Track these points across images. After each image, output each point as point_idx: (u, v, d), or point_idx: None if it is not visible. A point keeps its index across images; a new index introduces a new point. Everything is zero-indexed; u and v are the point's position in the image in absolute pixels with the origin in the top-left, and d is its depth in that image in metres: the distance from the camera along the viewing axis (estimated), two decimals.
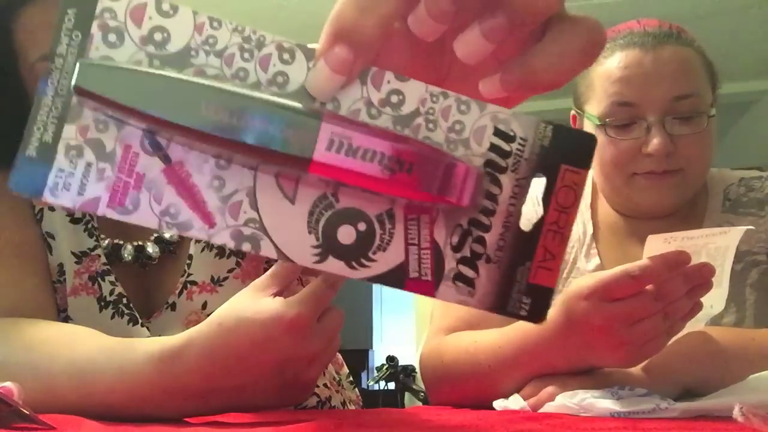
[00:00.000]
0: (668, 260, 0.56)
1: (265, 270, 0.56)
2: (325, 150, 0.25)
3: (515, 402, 0.63)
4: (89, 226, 0.70)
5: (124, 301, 0.68)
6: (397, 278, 0.29)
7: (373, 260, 0.29)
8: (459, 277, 0.29)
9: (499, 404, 0.64)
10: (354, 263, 0.28)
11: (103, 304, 0.68)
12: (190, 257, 0.70)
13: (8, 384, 0.42)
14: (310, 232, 0.28)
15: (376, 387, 4.32)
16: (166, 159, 0.27)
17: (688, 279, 0.57)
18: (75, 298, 0.68)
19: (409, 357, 4.09)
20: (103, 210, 0.26)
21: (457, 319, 0.80)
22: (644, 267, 0.56)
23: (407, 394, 3.98)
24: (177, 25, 0.27)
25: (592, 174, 0.90)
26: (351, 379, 0.86)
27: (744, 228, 0.62)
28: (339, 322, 0.53)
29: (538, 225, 0.30)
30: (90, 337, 0.55)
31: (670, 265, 0.56)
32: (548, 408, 0.59)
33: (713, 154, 0.82)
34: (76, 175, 0.26)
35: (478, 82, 0.30)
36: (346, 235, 0.28)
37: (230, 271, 0.71)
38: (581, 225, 0.88)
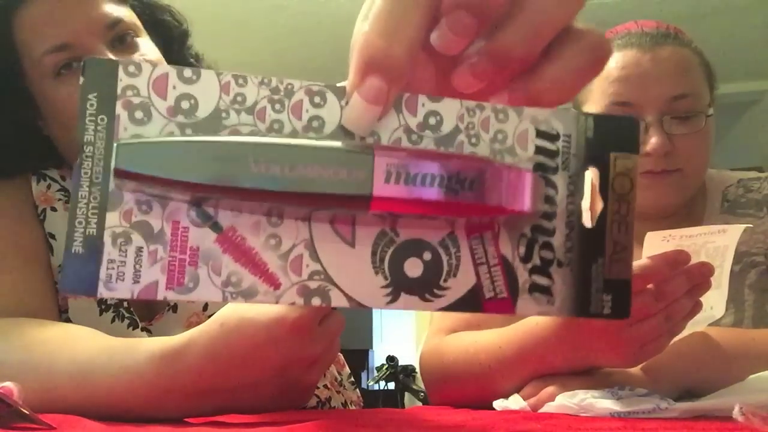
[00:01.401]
0: (669, 259, 0.56)
1: None
2: (383, 183, 0.24)
3: (515, 402, 0.63)
4: None
5: (125, 304, 0.69)
6: (473, 302, 0.28)
7: (445, 288, 0.27)
8: (535, 287, 0.28)
9: (499, 404, 0.64)
10: (427, 295, 0.27)
11: (103, 307, 0.69)
12: None
13: (8, 384, 0.42)
14: (377, 273, 0.27)
15: (376, 387, 4.26)
16: (216, 227, 0.26)
17: (688, 278, 0.57)
18: (76, 299, 0.68)
19: (409, 357, 4.05)
20: (163, 293, 0.25)
21: (457, 319, 0.79)
22: (645, 266, 0.55)
23: (407, 394, 3.93)
24: (202, 89, 0.26)
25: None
26: (352, 379, 0.86)
27: (743, 226, 0.61)
28: (340, 326, 0.53)
29: (602, 218, 0.29)
30: (91, 338, 0.55)
31: (671, 265, 0.56)
32: (548, 408, 0.59)
33: (712, 154, 0.83)
34: (128, 263, 0.25)
35: (489, 99, 0.30)
36: (413, 268, 0.27)
37: None
38: None
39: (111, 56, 0.67)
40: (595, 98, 0.82)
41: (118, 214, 0.25)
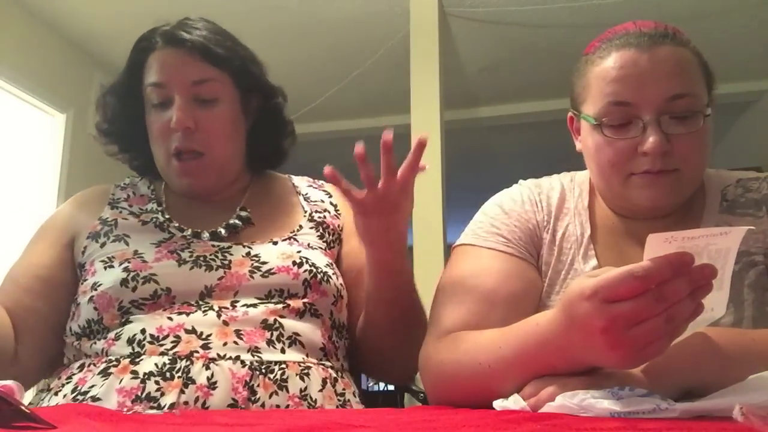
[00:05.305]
0: (672, 261, 0.55)
1: None
2: None
3: (515, 402, 0.63)
4: (156, 224, 0.98)
5: (200, 260, 0.92)
6: None
7: None
8: None
9: (499, 404, 0.64)
10: None
11: (182, 262, 0.91)
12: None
13: (9, 382, 0.43)
14: None
15: (376, 387, 4.25)
16: None
17: (690, 280, 0.56)
18: (159, 263, 0.91)
19: None
20: None
21: (457, 319, 0.80)
22: (648, 268, 0.55)
23: (407, 395, 3.93)
24: None
25: (590, 175, 0.90)
26: (357, 399, 0.92)
27: (745, 228, 0.61)
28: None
29: None
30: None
31: (674, 267, 0.55)
32: (548, 408, 0.59)
33: (710, 154, 0.82)
34: None
35: None
36: None
37: None
38: (579, 226, 0.88)
39: (192, 105, 0.96)
40: (594, 98, 0.81)
41: None
